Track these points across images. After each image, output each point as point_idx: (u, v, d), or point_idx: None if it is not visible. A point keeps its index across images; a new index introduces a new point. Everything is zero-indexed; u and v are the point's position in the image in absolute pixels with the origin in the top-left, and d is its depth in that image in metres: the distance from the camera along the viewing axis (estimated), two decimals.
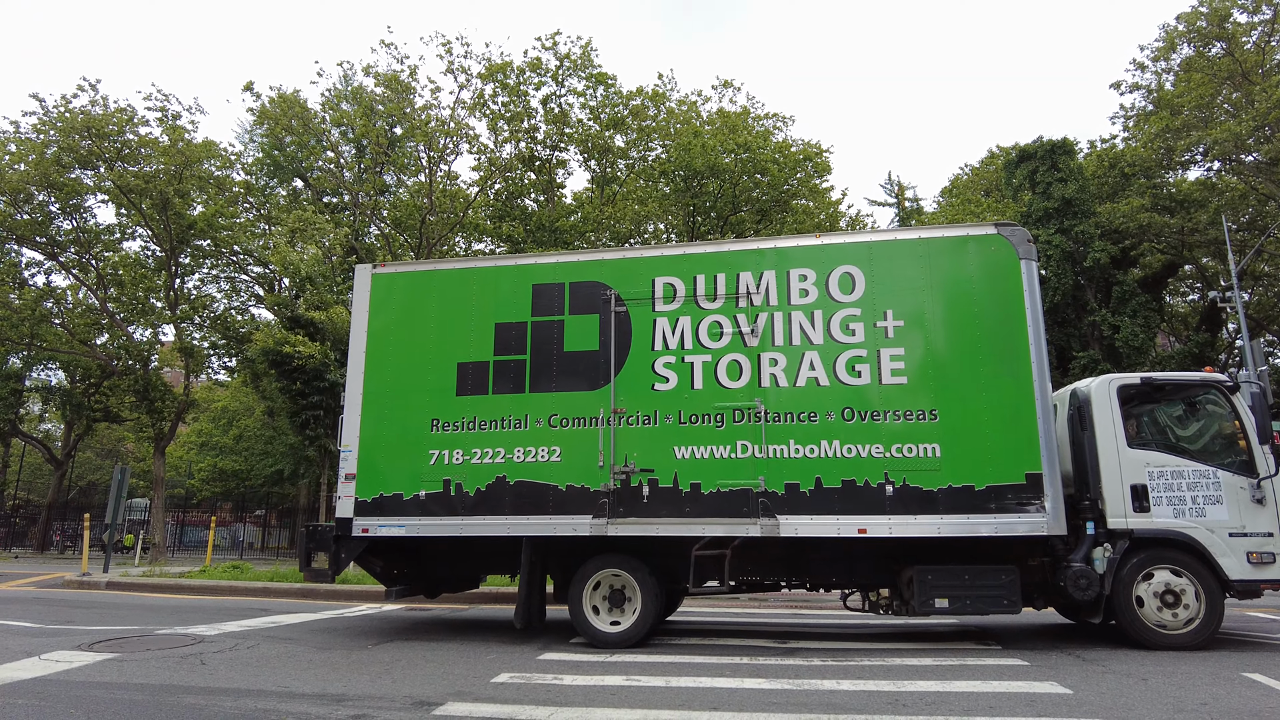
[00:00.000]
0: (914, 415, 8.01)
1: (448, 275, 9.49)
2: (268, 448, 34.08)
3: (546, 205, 33.58)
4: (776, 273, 8.58)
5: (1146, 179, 31.18)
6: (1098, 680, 6.34)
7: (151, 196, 25.41)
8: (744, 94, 45.63)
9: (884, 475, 7.93)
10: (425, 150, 30.17)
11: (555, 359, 8.84)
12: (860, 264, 8.46)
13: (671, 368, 8.55)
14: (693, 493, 8.20)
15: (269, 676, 6.67)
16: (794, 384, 8.28)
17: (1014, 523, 7.66)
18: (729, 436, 8.26)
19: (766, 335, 8.44)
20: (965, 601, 7.90)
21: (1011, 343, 8.03)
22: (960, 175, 38.74)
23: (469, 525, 8.63)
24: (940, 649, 8.15)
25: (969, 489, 7.78)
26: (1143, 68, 31.42)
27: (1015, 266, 8.17)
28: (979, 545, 8.02)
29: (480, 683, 6.44)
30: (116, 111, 25.18)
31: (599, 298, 8.89)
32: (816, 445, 8.10)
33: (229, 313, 30.91)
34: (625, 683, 6.47)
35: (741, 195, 31.93)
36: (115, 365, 27.78)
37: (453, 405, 8.93)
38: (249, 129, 32.42)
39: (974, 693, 5.98)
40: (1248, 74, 28.25)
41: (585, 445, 8.53)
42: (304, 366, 21.25)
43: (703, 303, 8.65)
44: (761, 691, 6.13)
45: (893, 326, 8.26)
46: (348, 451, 9.01)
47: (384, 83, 28.98)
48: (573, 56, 31.63)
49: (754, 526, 8.01)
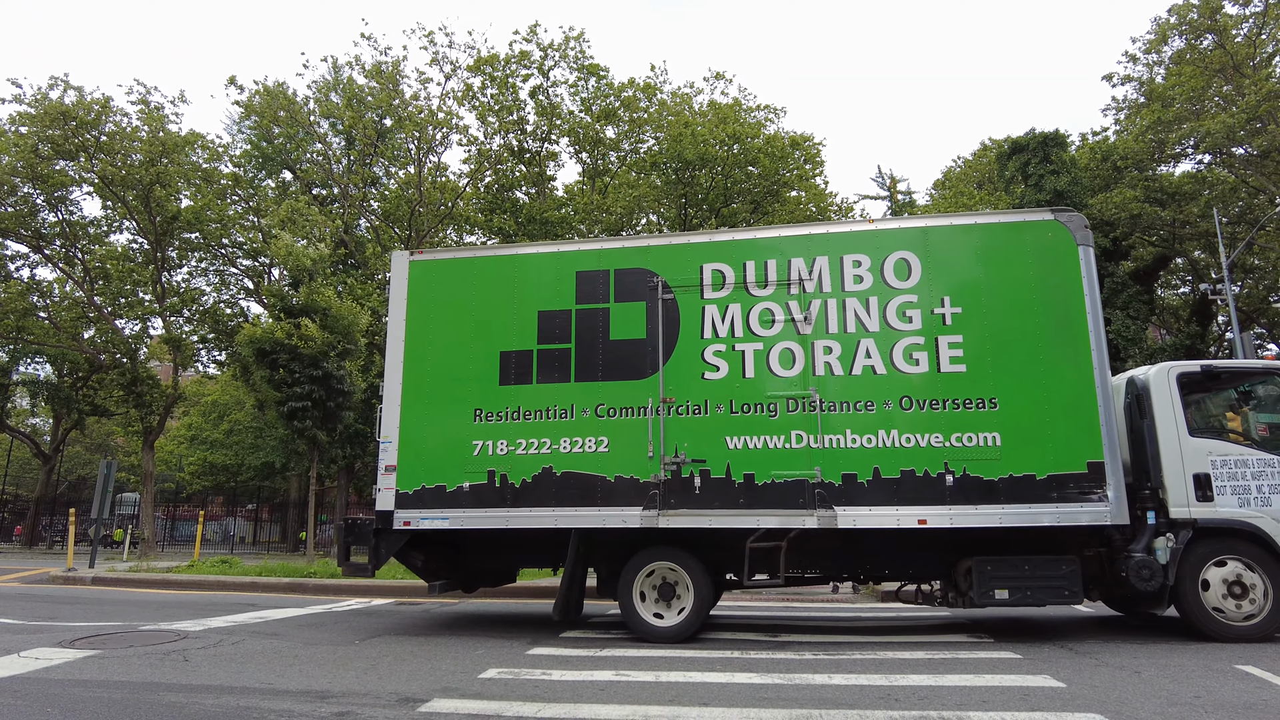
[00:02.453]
0: (973, 403, 7.89)
1: (488, 262, 9.26)
2: (258, 441, 33.59)
3: (538, 198, 33.27)
4: (829, 259, 8.42)
5: (1139, 171, 31.35)
6: (1090, 673, 6.29)
7: (135, 188, 24.91)
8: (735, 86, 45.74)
9: (944, 465, 7.80)
10: (414, 142, 29.83)
11: (601, 347, 8.63)
12: (915, 250, 8.32)
13: (722, 356, 8.37)
14: (746, 484, 8.03)
15: (253, 673, 6.53)
16: (849, 372, 8.13)
17: (1076, 512, 7.57)
18: (783, 426, 8.10)
19: (820, 323, 8.28)
20: (1026, 592, 7.80)
21: (1070, 330, 7.93)
22: (953, 168, 38.86)
23: (515, 517, 8.42)
24: (932, 642, 8.06)
25: (1030, 478, 7.68)
26: (1134, 59, 31.63)
27: (1073, 253, 8.07)
28: (1031, 535, 7.92)
29: (467, 678, 6.33)
30: (95, 102, 24.66)
31: (645, 285, 8.69)
32: (874, 435, 7.96)
33: (218, 306, 30.37)
34: (614, 678, 6.37)
35: (734, 187, 31.84)
36: (103, 359, 27.19)
37: (496, 395, 8.70)
38: (237, 121, 31.90)
39: (966, 686, 5.91)
40: (1239, 66, 28.47)
41: (634, 435, 8.34)
42: (298, 353, 20.86)
43: (753, 290, 8.47)
44: (752, 686, 6.02)
45: (950, 313, 8.13)
46: (387, 442, 8.76)
47: (371, 74, 28.61)
48: (556, 45, 31.31)
49: (810, 518, 7.86)
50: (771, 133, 31.93)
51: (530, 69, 31.12)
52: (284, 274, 25.12)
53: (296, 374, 21.05)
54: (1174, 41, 30.07)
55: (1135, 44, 30.94)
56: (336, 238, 28.12)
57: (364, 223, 32.29)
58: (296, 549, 31.62)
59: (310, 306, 21.50)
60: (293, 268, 22.43)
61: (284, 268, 23.94)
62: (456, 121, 29.52)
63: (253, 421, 33.79)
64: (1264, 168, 28.18)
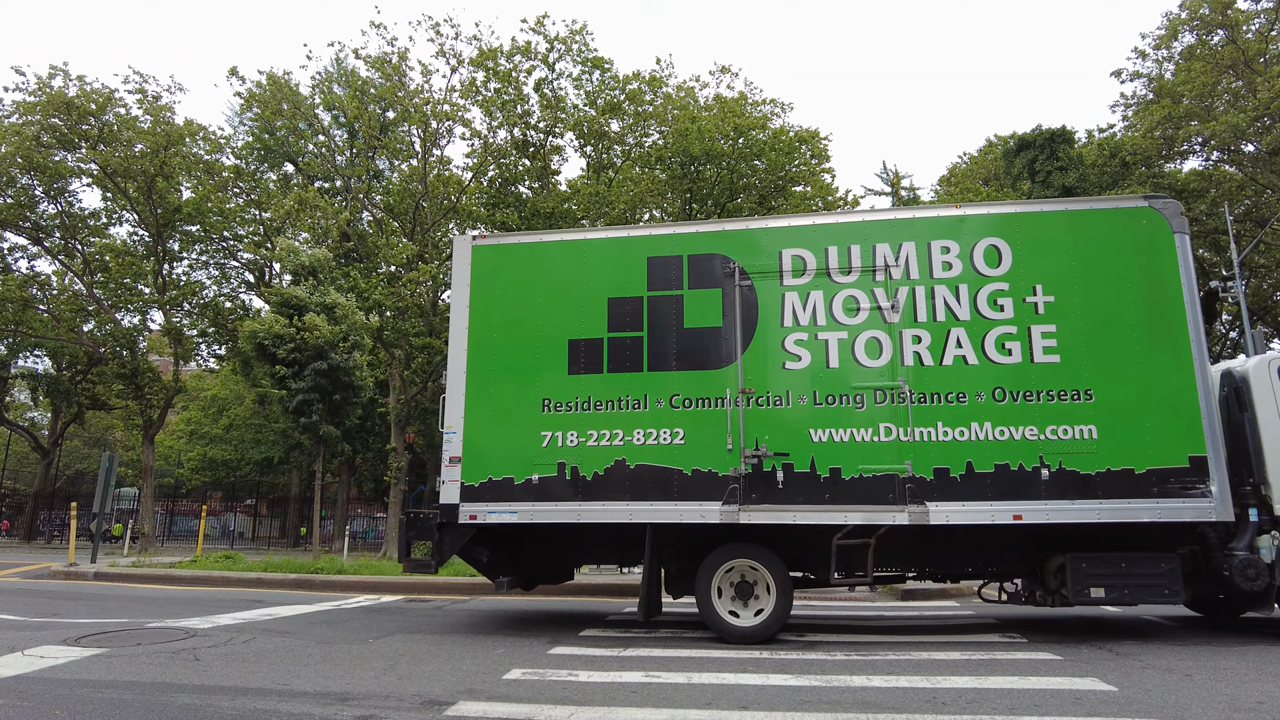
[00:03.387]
0: (1068, 395, 7.62)
1: (555, 247, 8.90)
2: (258, 436, 33.01)
3: (541, 192, 32.85)
4: (916, 245, 8.12)
5: (1147, 168, 31.34)
6: (1139, 676, 6.05)
7: (136, 179, 24.36)
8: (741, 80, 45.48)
9: (1039, 458, 7.53)
10: (419, 134, 29.35)
11: (675, 336, 8.29)
12: (1005, 236, 8.04)
13: (803, 345, 8.06)
14: (832, 478, 7.72)
15: (267, 673, 6.26)
16: (940, 362, 7.84)
17: (1178, 508, 7.32)
18: (870, 418, 7.80)
19: (908, 311, 7.98)
20: (1123, 591, 7.55)
21: (1167, 320, 7.68)
22: (958, 164, 38.71)
23: (587, 511, 8.08)
24: (966, 642, 7.82)
25: (1128, 473, 7.42)
26: (1144, 55, 31.57)
27: (1169, 240, 7.82)
28: (1117, 532, 7.67)
29: (492, 680, 6.06)
30: (95, 92, 24.13)
31: (721, 271, 8.37)
32: (966, 427, 7.67)
33: (219, 299, 29.77)
34: (645, 679, 6.10)
35: (739, 181, 31.59)
36: (102, 352, 26.57)
37: (565, 384, 8.35)
38: (238, 112, 31.26)
39: (1014, 689, 5.66)
40: (1250, 62, 28.45)
41: (711, 427, 8.02)
42: (302, 345, 20.39)
43: (836, 276, 8.16)
44: (790, 689, 5.76)
45: (1042, 302, 7.85)
46: (451, 433, 8.40)
47: (375, 65, 28.11)
48: (562, 38, 30.91)
49: (901, 514, 7.57)
50: (778, 127, 31.67)
51: (535, 61, 30.68)
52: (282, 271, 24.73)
53: (301, 368, 20.56)
54: (1184, 37, 30.02)
55: (1145, 40, 30.90)
56: (342, 230, 27.61)
57: (367, 216, 31.75)
58: (297, 544, 31.12)
59: (311, 304, 21.04)
60: (293, 267, 22.00)
61: (284, 267, 23.50)
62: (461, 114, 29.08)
63: (252, 417, 33.20)
64: (1273, 165, 28.18)
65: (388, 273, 27.13)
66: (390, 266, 26.95)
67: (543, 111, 31.47)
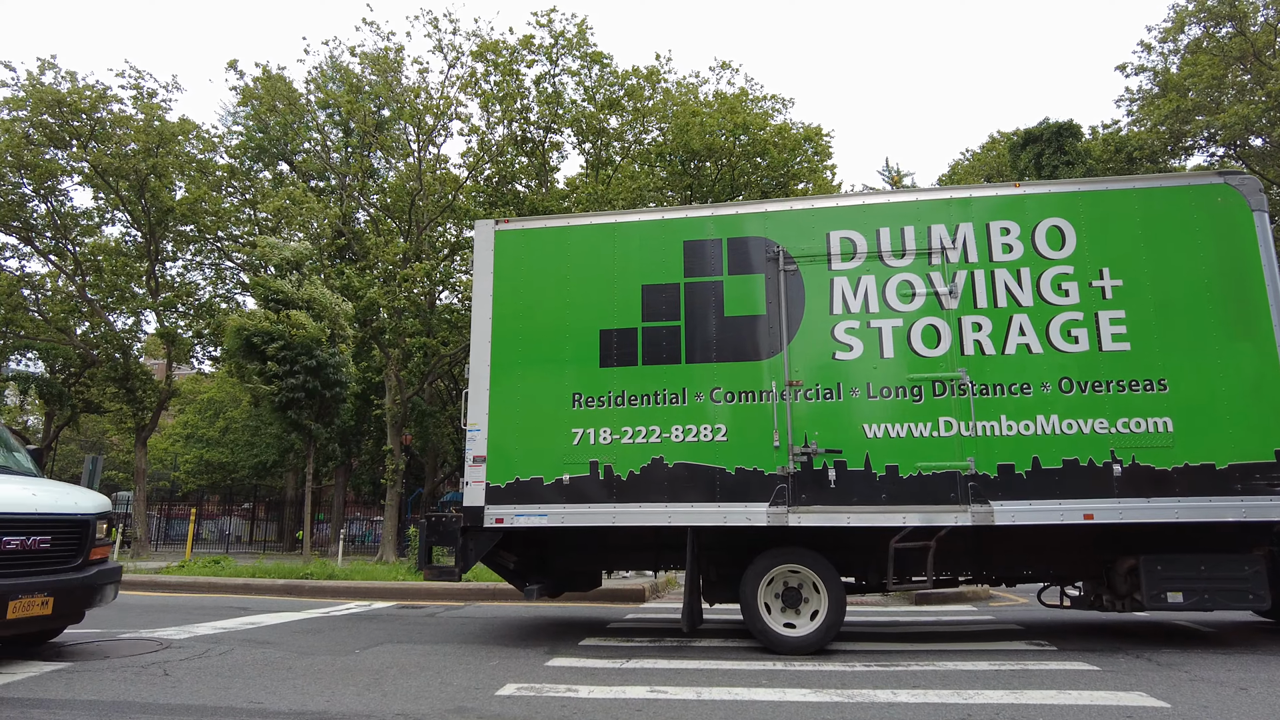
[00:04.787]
0: (1139, 385, 7.09)
1: (583, 231, 8.33)
2: (253, 439, 32.33)
3: (540, 190, 32.30)
4: (974, 225, 7.58)
5: (1153, 163, 30.94)
6: (1190, 690, 5.54)
7: (129, 178, 23.73)
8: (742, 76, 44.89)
9: (1110, 453, 7.00)
10: (415, 130, 28.78)
11: (715, 325, 7.74)
12: (1068, 216, 7.51)
13: (855, 334, 7.51)
14: (889, 476, 7.17)
15: (240, 690, 5.78)
16: (1002, 351, 7.30)
17: (1266, 506, 6.79)
18: (929, 412, 7.25)
19: (967, 296, 7.44)
20: (1203, 596, 7.01)
21: (1247, 305, 7.15)
22: (960, 161, 38.25)
23: (623, 513, 7.51)
24: (992, 650, 7.31)
25: (1209, 468, 6.89)
26: (1149, 49, 31.16)
27: (1248, 219, 7.30)
28: (1189, 532, 7.16)
29: (484, 695, 5.59)
30: (87, 88, 23.48)
31: (763, 255, 7.81)
32: (1032, 421, 7.13)
33: (213, 300, 29.11)
34: (651, 695, 5.62)
35: (740, 178, 31.14)
36: (95, 354, 25.87)
37: (597, 378, 7.79)
38: (232, 111, 30.69)
39: (1055, 705, 5.17)
40: (1259, 54, 28.07)
41: (756, 422, 7.46)
42: (290, 342, 19.81)
43: (888, 260, 7.61)
44: (810, 705, 5.29)
45: (1110, 286, 7.32)
46: (475, 431, 7.82)
47: (370, 62, 27.53)
48: (568, 35, 30.38)
49: (964, 514, 7.02)
50: (779, 123, 31.25)
51: (537, 55, 30.14)
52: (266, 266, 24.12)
53: (289, 365, 19.97)
54: (1191, 29, 29.63)
55: (1151, 33, 30.48)
56: (335, 227, 27.01)
57: (362, 215, 31.16)
58: (294, 548, 30.42)
59: (296, 298, 20.47)
60: (277, 262, 21.45)
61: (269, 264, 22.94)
62: (458, 109, 28.52)
63: (248, 419, 32.52)
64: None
65: (383, 271, 26.53)
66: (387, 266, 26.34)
67: (541, 107, 30.94)
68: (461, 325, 32.01)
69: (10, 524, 6.21)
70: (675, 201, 31.79)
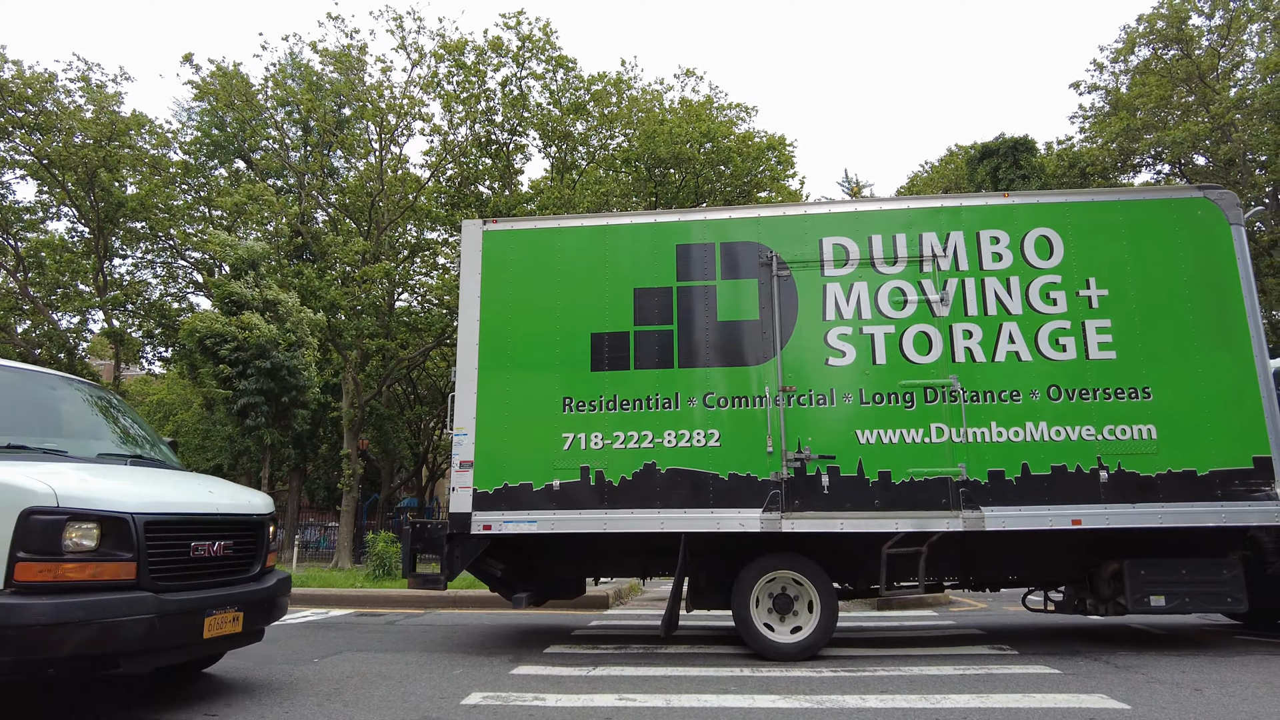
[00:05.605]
0: (1125, 393, 7.24)
1: (574, 233, 8.22)
2: (205, 442, 31.38)
3: (503, 192, 32.04)
4: (965, 234, 7.66)
5: (1104, 179, 31.86)
6: (1148, 692, 5.69)
7: (76, 171, 22.86)
8: (707, 84, 45.19)
9: (1097, 459, 7.12)
10: (375, 130, 28.36)
11: (708, 330, 7.70)
12: (1056, 227, 7.64)
13: (848, 340, 7.53)
14: (882, 482, 7.20)
15: (196, 704, 5.50)
16: (992, 359, 7.39)
17: (1244, 512, 6.97)
18: (921, 418, 7.30)
19: (958, 304, 7.52)
20: (1185, 599, 7.17)
21: (1225, 315, 7.36)
22: (919, 173, 38.94)
23: (614, 519, 7.42)
24: (955, 655, 7.43)
25: (1190, 474, 7.05)
26: (1101, 68, 32.12)
27: (1226, 233, 7.50)
28: (1166, 537, 7.30)
29: (449, 705, 5.47)
30: (33, 77, 22.55)
31: (756, 260, 7.80)
32: (1021, 427, 7.23)
33: (164, 300, 28.23)
34: (619, 703, 5.56)
35: (705, 186, 31.29)
36: (37, 353, 24.88)
37: (588, 382, 7.69)
38: (186, 106, 29.77)
39: (1020, 708, 5.27)
40: (1203, 76, 29.10)
41: (749, 428, 7.44)
42: (244, 344, 19.28)
43: (880, 266, 7.66)
44: (781, 712, 5.31)
45: (1096, 296, 7.46)
46: (462, 435, 7.65)
47: (332, 59, 27.04)
48: (534, 38, 30.24)
49: (956, 520, 7.08)
50: (743, 131, 31.50)
51: (503, 57, 29.91)
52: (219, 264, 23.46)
53: (244, 367, 19.39)
54: (1141, 51, 30.60)
55: (1103, 52, 31.46)
56: (294, 226, 26.45)
57: (321, 215, 30.56)
58: None
59: (255, 301, 19.94)
60: (233, 261, 20.88)
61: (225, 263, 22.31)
62: (420, 110, 28.15)
63: (199, 423, 31.57)
64: (1227, 177, 28.80)
65: (341, 272, 26.04)
66: (345, 266, 25.86)
67: (506, 109, 30.71)
68: (420, 328, 31.61)
69: (197, 526, 5.28)
70: (641, 207, 31.76)
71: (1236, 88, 29.02)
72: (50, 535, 4.37)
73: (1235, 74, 29.74)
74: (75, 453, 5.55)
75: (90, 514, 4.53)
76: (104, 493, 4.73)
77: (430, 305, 33.98)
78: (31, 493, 4.39)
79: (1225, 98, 27.17)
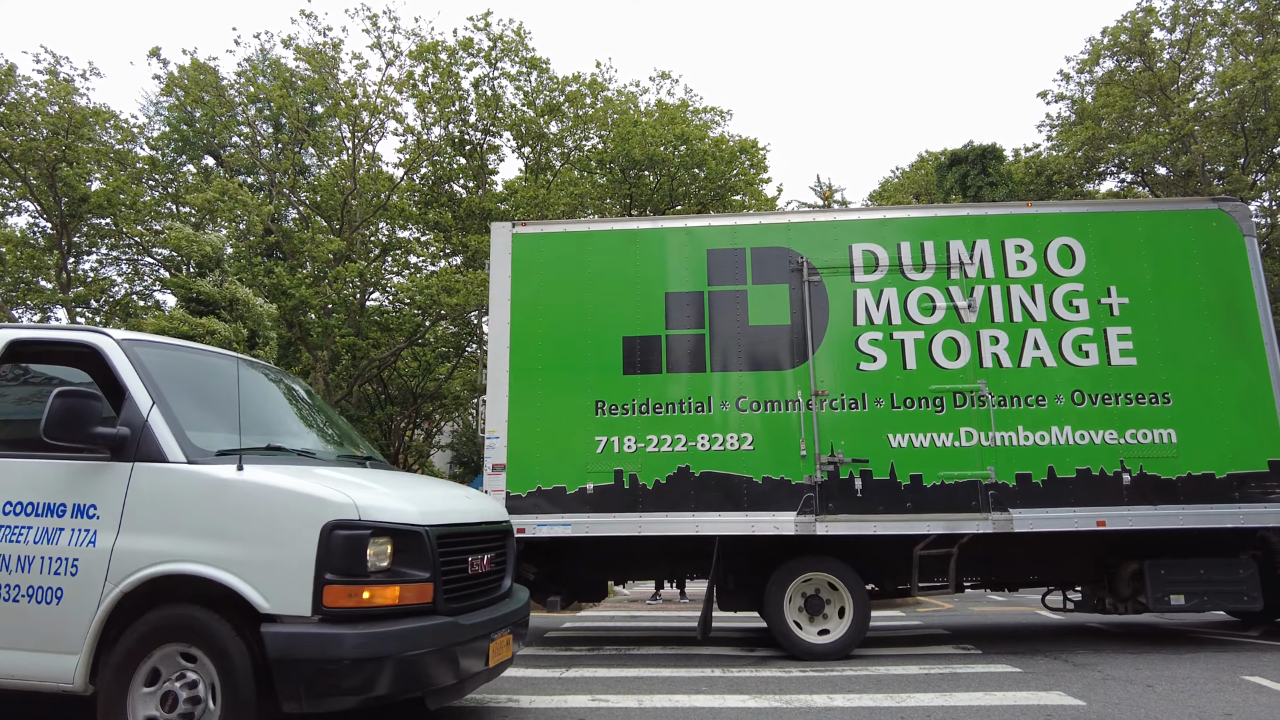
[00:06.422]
0: (1146, 398, 7.46)
1: (605, 237, 8.24)
2: None
3: (477, 191, 31.82)
4: (990, 242, 7.83)
5: (1070, 187, 32.63)
6: (1103, 688, 5.94)
7: (37, 164, 22.19)
8: (682, 87, 45.28)
9: (1119, 463, 7.33)
10: (349, 128, 28.00)
11: (739, 334, 7.76)
12: (1078, 236, 7.84)
13: (879, 345, 7.65)
14: (914, 485, 7.33)
15: None
16: (1018, 364, 7.56)
17: (1261, 513, 7.24)
18: (950, 422, 7.45)
19: (984, 310, 7.68)
20: (1203, 598, 7.42)
21: (1241, 323, 7.62)
22: (890, 179, 39.50)
23: (649, 523, 7.44)
24: (921, 655, 7.65)
25: (1209, 477, 7.30)
26: (1068, 78, 32.89)
27: (1239, 243, 7.77)
28: (1180, 537, 7.51)
29: (420, 706, 5.46)
30: None
31: (787, 266, 7.88)
32: (1047, 431, 7.41)
33: (130, 298, 27.52)
34: (593, 704, 5.65)
35: (679, 189, 31.39)
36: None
37: (620, 385, 7.70)
38: (154, 100, 29.02)
39: (982, 706, 5.48)
40: (1165, 88, 29.98)
41: (782, 432, 7.52)
42: None
43: (909, 273, 7.79)
44: (750, 711, 5.44)
45: (1117, 303, 7.68)
46: (494, 438, 7.61)
47: (305, 56, 26.63)
48: (506, 39, 30.09)
49: (985, 522, 7.24)
50: (718, 135, 31.66)
51: (476, 58, 29.72)
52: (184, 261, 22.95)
53: None
54: (1105, 62, 31.42)
55: (1070, 63, 32.26)
56: (265, 225, 25.97)
57: (293, 213, 30.06)
58: None
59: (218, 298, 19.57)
60: (198, 257, 20.46)
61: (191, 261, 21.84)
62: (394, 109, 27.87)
63: None
64: (1187, 187, 29.70)
65: (314, 270, 25.62)
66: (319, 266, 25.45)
67: (480, 110, 30.52)
68: (391, 327, 31.25)
69: (473, 538, 4.58)
70: (615, 209, 31.74)
71: (1196, 100, 29.94)
72: (356, 553, 3.76)
73: (1195, 86, 30.71)
74: (320, 454, 4.91)
75: (389, 528, 3.92)
76: (392, 502, 4.11)
77: (402, 305, 33.63)
78: (331, 504, 3.81)
79: (1185, 110, 28.03)
